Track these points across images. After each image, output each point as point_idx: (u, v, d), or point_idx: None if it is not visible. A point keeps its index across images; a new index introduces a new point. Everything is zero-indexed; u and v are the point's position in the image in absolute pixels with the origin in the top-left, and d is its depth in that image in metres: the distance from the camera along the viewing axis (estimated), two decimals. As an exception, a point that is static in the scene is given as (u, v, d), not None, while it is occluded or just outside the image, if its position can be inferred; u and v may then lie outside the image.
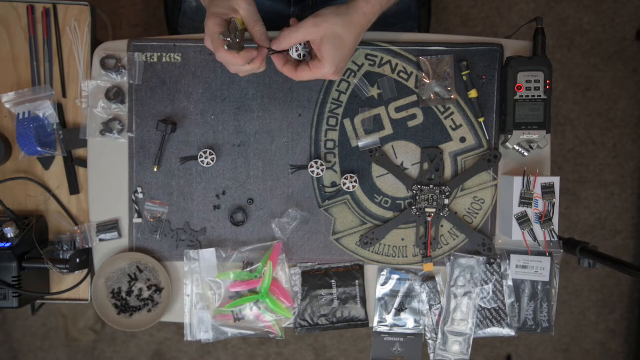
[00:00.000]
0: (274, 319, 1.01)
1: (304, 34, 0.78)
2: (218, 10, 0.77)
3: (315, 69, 0.80)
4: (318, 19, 0.77)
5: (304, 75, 0.81)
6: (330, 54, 0.78)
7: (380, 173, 1.01)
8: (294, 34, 0.78)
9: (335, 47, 0.78)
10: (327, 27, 0.77)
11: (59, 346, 1.93)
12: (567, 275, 1.93)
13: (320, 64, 0.80)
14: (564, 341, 1.97)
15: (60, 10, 1.02)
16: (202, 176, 1.01)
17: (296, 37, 0.78)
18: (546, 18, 1.87)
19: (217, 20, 0.76)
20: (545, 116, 0.95)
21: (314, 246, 1.02)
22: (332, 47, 0.78)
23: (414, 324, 1.03)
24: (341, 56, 0.80)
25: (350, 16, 0.79)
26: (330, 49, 0.78)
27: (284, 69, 0.82)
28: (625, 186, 1.91)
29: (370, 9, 0.80)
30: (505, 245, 1.02)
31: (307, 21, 0.78)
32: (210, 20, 0.77)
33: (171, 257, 1.02)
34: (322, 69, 0.80)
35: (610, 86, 1.89)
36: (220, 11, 0.77)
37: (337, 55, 0.79)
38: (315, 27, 0.77)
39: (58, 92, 1.02)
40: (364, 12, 0.80)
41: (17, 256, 0.93)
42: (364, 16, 0.80)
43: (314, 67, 0.80)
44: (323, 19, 0.77)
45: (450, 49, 0.99)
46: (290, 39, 0.79)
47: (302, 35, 0.78)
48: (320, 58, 0.79)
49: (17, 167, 1.03)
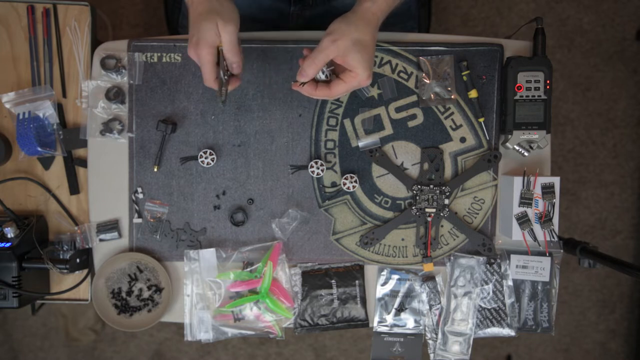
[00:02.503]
0: (274, 319, 1.01)
1: (326, 54, 0.78)
2: (209, 38, 0.79)
3: (349, 80, 0.80)
4: (333, 35, 0.78)
5: (339, 89, 0.81)
6: (358, 60, 0.78)
7: (380, 173, 1.01)
8: (317, 59, 0.78)
9: (360, 53, 0.78)
10: (345, 39, 0.77)
11: (59, 346, 1.93)
12: (567, 275, 1.93)
13: (352, 73, 0.79)
14: (564, 341, 1.97)
15: (60, 10, 1.02)
16: (202, 176, 1.01)
17: (320, 60, 0.78)
18: (546, 18, 1.87)
19: (211, 50, 0.80)
20: (545, 116, 0.95)
21: (314, 246, 1.02)
22: (358, 54, 0.78)
23: (414, 324, 1.03)
24: (368, 59, 0.79)
25: (361, 19, 0.79)
26: (356, 56, 0.78)
27: (317, 94, 0.83)
28: (625, 186, 1.91)
29: (377, 8, 0.80)
30: (505, 245, 1.02)
31: (323, 41, 0.78)
32: (204, 49, 0.79)
33: (171, 257, 1.02)
34: (357, 77, 0.79)
35: (610, 86, 1.89)
36: (210, 40, 0.79)
37: (364, 59, 0.79)
38: (334, 44, 0.77)
39: (58, 92, 1.02)
40: (372, 12, 0.80)
41: (17, 256, 0.93)
42: (373, 15, 0.80)
43: (347, 78, 0.80)
44: (338, 33, 0.78)
45: (450, 49, 0.99)
46: (315, 65, 0.79)
47: (324, 57, 0.78)
48: (351, 68, 0.79)
49: (17, 167, 1.03)
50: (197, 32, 0.79)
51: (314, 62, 0.79)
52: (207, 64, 0.81)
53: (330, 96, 0.82)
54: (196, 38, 0.79)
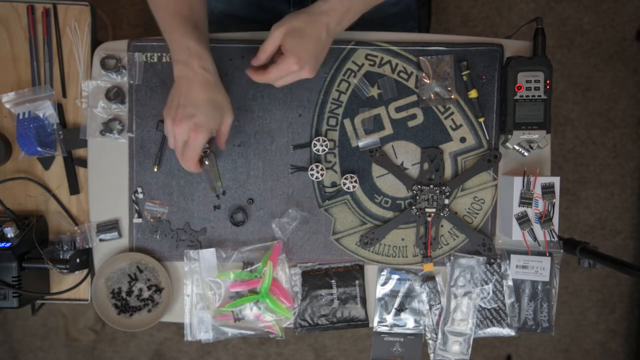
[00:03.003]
0: (274, 319, 1.01)
1: (272, 39, 0.81)
2: (212, 123, 0.84)
3: (280, 63, 0.82)
4: (279, 22, 0.81)
5: (272, 72, 0.83)
6: (292, 46, 0.80)
7: (380, 173, 1.01)
8: (265, 45, 0.82)
9: (294, 39, 0.80)
10: (286, 25, 0.80)
11: (59, 346, 1.93)
12: (567, 275, 1.93)
13: (283, 57, 0.82)
14: (564, 341, 1.97)
15: (60, 10, 1.02)
16: (202, 176, 1.01)
17: (267, 45, 0.82)
18: (546, 18, 1.87)
19: (207, 135, 0.83)
20: (545, 116, 0.95)
21: (314, 246, 1.02)
22: (292, 40, 0.80)
23: (414, 324, 1.03)
24: (305, 49, 0.81)
25: (308, 12, 0.82)
26: (290, 41, 0.80)
27: (258, 79, 0.86)
28: (625, 186, 1.91)
29: (329, 7, 0.82)
30: (505, 245, 1.02)
31: (271, 28, 0.82)
32: (204, 135, 0.82)
33: (171, 257, 1.02)
34: (285, 60, 0.81)
35: (610, 86, 1.89)
36: (213, 125, 0.84)
37: (300, 48, 0.81)
38: (276, 28, 0.81)
39: (58, 92, 1.02)
40: (322, 9, 0.82)
41: (17, 256, 0.93)
42: (322, 12, 0.82)
43: (280, 61, 0.82)
44: (283, 20, 0.81)
45: (450, 49, 0.99)
46: (264, 51, 0.83)
47: (270, 41, 0.81)
48: (284, 52, 0.81)
49: (17, 167, 1.03)
50: (201, 116, 0.82)
51: (263, 48, 0.82)
52: (198, 149, 0.84)
53: (266, 79, 0.85)
54: (198, 120, 0.81)
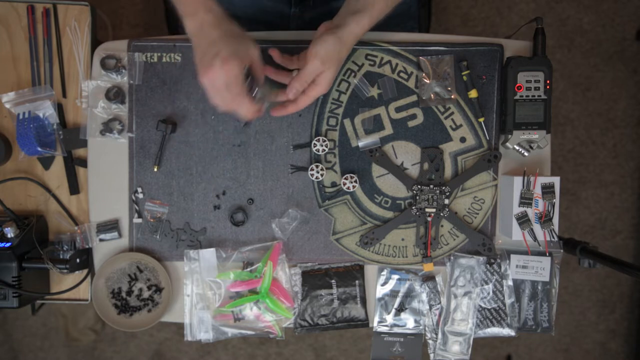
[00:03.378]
0: (274, 319, 1.01)
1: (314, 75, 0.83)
2: (241, 52, 0.75)
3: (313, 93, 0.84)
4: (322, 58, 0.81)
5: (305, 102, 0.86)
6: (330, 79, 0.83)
7: (380, 173, 1.01)
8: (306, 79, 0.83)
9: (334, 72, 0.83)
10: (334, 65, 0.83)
11: (59, 346, 1.93)
12: (567, 275, 1.93)
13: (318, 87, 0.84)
14: (564, 341, 1.97)
15: (60, 10, 1.02)
16: (202, 176, 1.01)
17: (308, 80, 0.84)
18: (546, 18, 1.87)
19: (242, 65, 0.75)
20: (545, 116, 0.95)
21: (314, 246, 1.02)
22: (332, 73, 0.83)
23: (414, 324, 1.03)
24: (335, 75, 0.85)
25: (346, 42, 0.83)
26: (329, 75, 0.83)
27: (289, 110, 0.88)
28: (625, 186, 1.91)
29: (361, 29, 0.83)
30: (505, 245, 1.02)
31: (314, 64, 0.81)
32: (235, 62, 0.73)
33: (171, 257, 1.02)
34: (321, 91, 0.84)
35: (610, 86, 1.89)
36: (242, 54, 0.76)
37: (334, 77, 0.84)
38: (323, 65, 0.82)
39: (58, 92, 1.02)
40: (355, 34, 0.83)
41: (17, 256, 0.93)
42: (355, 37, 0.84)
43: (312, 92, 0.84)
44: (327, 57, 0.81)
45: (450, 49, 0.99)
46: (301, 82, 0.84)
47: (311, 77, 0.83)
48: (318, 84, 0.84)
49: (17, 167, 1.03)
50: (225, 48, 0.74)
51: (302, 81, 0.83)
52: (238, 80, 0.76)
53: (298, 109, 0.87)
54: (224, 53, 0.74)
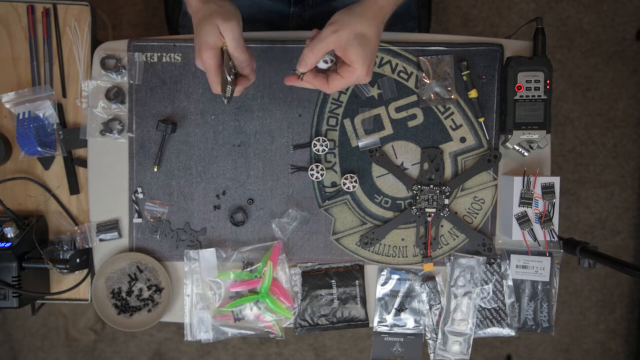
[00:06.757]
0: (274, 319, 1.01)
1: (326, 44, 0.75)
2: (210, 40, 0.76)
3: (347, 75, 0.77)
4: (335, 25, 0.75)
5: (337, 84, 0.78)
6: (358, 55, 0.75)
7: (380, 173, 1.01)
8: (316, 48, 0.75)
9: (361, 47, 0.75)
10: (346, 31, 0.74)
11: (59, 346, 1.93)
12: (567, 275, 1.93)
13: (350, 67, 0.76)
14: (564, 341, 1.97)
15: (60, 10, 1.02)
16: (202, 176, 1.01)
17: (319, 50, 0.75)
18: (546, 18, 1.87)
19: (213, 53, 0.76)
20: (545, 116, 0.95)
21: (314, 246, 1.02)
22: (358, 48, 0.75)
23: (414, 324, 1.03)
24: (369, 55, 0.76)
25: (367, 11, 0.76)
26: (356, 50, 0.75)
27: (314, 83, 0.79)
28: (625, 186, 1.91)
29: (385, 1, 0.77)
30: (505, 245, 1.02)
31: (325, 30, 0.75)
32: (206, 53, 0.76)
33: (171, 257, 1.02)
34: (354, 72, 0.76)
35: (610, 86, 1.89)
36: (211, 42, 0.76)
37: (365, 54, 0.75)
38: (335, 34, 0.74)
39: (58, 92, 1.02)
40: (380, 5, 0.77)
41: (17, 256, 0.93)
42: (380, 8, 0.77)
43: (345, 73, 0.77)
44: (339, 23, 0.75)
45: (450, 49, 0.99)
46: (314, 54, 0.76)
47: (324, 46, 0.75)
48: (350, 62, 0.76)
49: (17, 167, 1.03)
50: (199, 38, 0.76)
51: (312, 51, 0.75)
52: (210, 69, 0.77)
53: (328, 90, 0.79)
54: (198, 44, 0.76)
